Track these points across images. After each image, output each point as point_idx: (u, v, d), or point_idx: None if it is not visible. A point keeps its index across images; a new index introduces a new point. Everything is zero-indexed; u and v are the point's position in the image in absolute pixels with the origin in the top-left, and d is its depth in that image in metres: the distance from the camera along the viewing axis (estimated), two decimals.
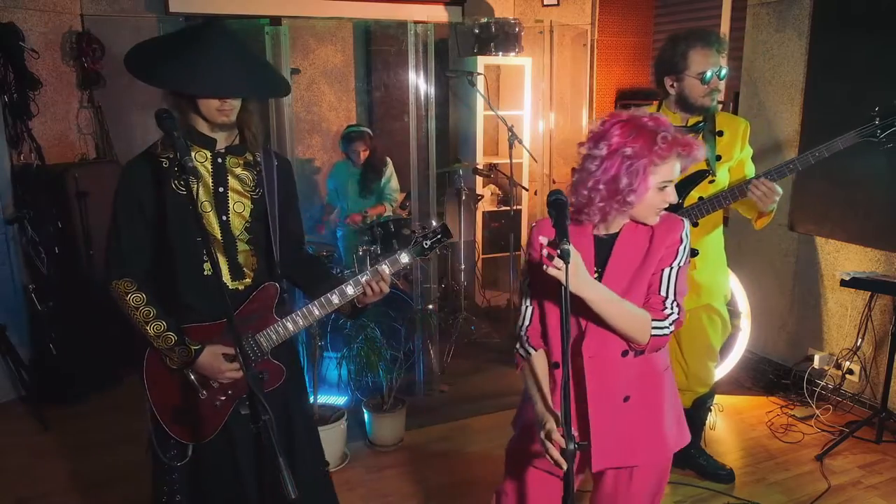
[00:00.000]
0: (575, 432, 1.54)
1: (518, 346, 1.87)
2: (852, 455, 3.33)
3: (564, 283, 1.47)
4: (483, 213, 5.22)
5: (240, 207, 1.93)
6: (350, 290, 1.93)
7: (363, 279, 1.93)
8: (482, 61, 4.86)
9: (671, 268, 1.72)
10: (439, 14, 5.06)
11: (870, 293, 3.57)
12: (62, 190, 3.95)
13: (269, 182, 1.96)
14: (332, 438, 3.21)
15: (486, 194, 5.23)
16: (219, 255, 1.91)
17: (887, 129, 2.37)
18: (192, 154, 1.88)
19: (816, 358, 3.87)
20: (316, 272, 2.14)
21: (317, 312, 1.94)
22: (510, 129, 4.44)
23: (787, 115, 3.96)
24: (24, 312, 3.98)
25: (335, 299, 1.93)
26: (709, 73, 2.52)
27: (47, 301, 3.92)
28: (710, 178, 2.62)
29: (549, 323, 1.80)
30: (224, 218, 1.92)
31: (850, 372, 3.77)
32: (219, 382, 1.93)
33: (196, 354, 1.86)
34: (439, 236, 1.98)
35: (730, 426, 3.67)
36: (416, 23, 3.65)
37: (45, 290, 3.93)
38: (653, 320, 1.68)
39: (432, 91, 3.72)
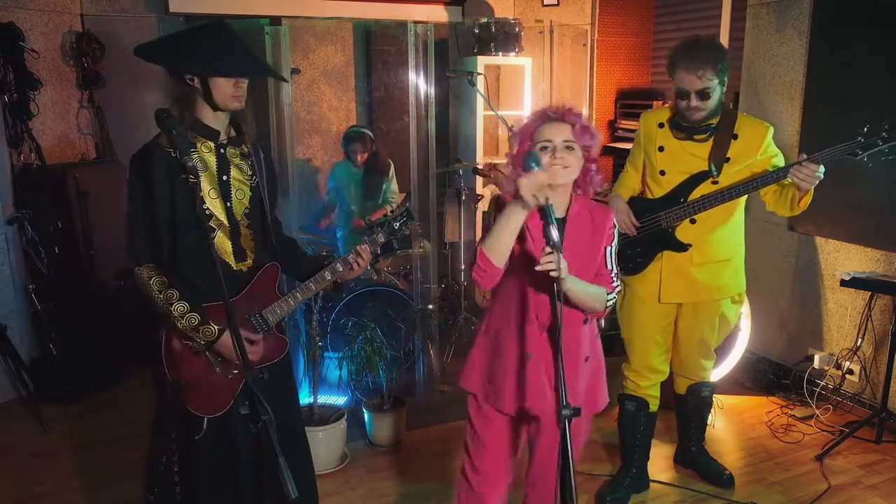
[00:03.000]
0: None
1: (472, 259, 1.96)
2: (852, 455, 3.33)
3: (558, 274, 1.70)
4: (483, 213, 5.22)
5: (240, 195, 2.09)
6: (339, 266, 2.20)
7: (350, 258, 2.22)
8: (482, 61, 4.86)
9: (611, 247, 2.06)
10: (439, 14, 5.05)
11: (870, 293, 3.57)
12: (62, 190, 3.94)
13: (260, 171, 2.14)
14: (332, 438, 3.21)
15: (486, 194, 5.23)
16: (224, 238, 2.06)
17: (869, 150, 2.45)
18: (198, 145, 2.01)
19: (816, 358, 3.87)
20: (297, 253, 2.37)
21: (313, 287, 2.18)
22: (510, 129, 4.44)
23: (787, 115, 3.96)
24: (24, 312, 3.98)
25: (328, 276, 2.18)
26: (683, 90, 2.56)
27: (47, 301, 3.92)
28: (711, 179, 2.65)
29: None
30: (228, 204, 2.06)
31: (850, 372, 3.77)
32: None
33: (219, 334, 1.98)
34: (405, 218, 2.32)
35: (730, 426, 3.67)
36: (416, 23, 3.65)
37: (45, 290, 3.93)
38: (607, 293, 2.01)
39: (432, 91, 3.71)
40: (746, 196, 2.73)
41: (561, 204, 1.99)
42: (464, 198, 4.72)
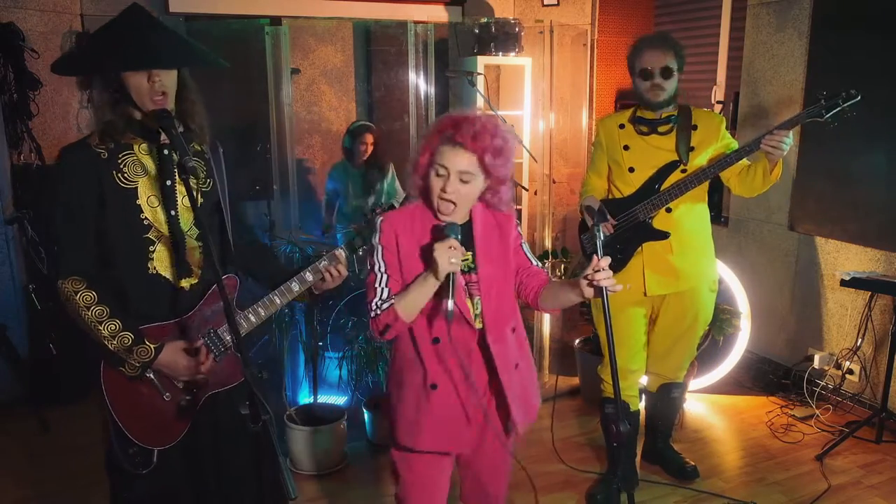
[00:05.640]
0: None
1: (378, 312, 1.82)
2: (852, 455, 3.33)
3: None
4: None
5: (189, 202, 1.80)
6: (309, 276, 1.94)
7: (321, 265, 1.95)
8: (482, 61, 4.85)
9: (524, 243, 2.02)
10: (439, 14, 5.05)
11: (870, 293, 3.57)
12: None
13: (218, 173, 1.91)
14: (332, 438, 3.21)
15: None
16: (165, 252, 1.83)
17: (832, 110, 2.51)
18: (134, 147, 1.80)
19: (816, 358, 3.87)
20: (268, 260, 2.14)
21: (278, 301, 1.93)
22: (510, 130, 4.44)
23: (787, 115, 3.93)
24: (24, 312, 3.98)
25: (295, 287, 1.93)
26: (647, 69, 2.68)
27: (47, 301, 3.91)
28: (681, 167, 2.74)
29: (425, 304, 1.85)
30: (173, 213, 1.83)
31: (850, 372, 3.77)
32: (182, 381, 1.87)
33: (156, 353, 1.78)
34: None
35: (730, 426, 3.67)
36: (416, 23, 3.66)
37: (45, 290, 3.93)
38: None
39: (432, 91, 3.72)
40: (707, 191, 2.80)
41: (462, 214, 1.90)
42: None
